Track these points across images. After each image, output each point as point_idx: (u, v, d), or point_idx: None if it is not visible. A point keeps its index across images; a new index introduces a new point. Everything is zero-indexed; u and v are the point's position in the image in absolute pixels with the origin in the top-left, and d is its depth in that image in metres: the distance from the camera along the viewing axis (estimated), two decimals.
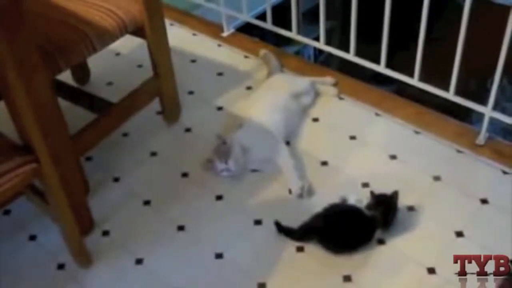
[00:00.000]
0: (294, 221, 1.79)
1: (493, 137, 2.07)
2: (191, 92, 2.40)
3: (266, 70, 2.43)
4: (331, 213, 1.75)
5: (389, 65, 2.24)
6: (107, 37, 1.81)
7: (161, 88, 2.12)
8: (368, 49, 2.32)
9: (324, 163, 2.03)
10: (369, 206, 1.75)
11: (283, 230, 1.78)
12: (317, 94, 2.31)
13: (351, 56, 2.33)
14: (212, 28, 2.80)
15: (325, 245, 1.73)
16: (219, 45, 2.70)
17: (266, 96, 2.21)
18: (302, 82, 2.30)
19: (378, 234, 1.74)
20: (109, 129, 1.99)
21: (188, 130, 2.23)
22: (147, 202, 1.95)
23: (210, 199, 1.94)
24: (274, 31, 2.60)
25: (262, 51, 2.52)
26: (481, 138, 2.04)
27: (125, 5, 1.88)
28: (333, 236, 1.73)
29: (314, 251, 1.74)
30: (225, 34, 2.76)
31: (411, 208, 1.83)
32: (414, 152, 2.05)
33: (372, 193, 1.77)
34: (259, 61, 2.53)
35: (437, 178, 1.93)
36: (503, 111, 2.08)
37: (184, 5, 3.00)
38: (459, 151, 2.03)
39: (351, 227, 1.72)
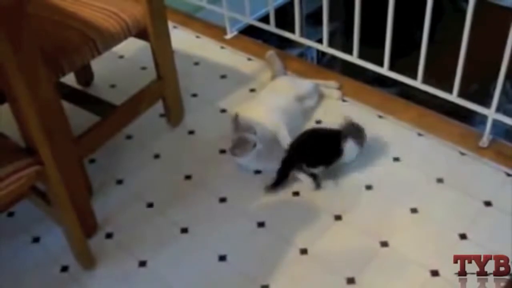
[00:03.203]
0: (297, 223, 1.79)
1: (496, 139, 2.06)
2: (194, 95, 2.41)
3: (270, 72, 2.43)
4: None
5: (392, 67, 2.24)
6: (110, 40, 1.81)
7: (164, 90, 2.12)
8: (371, 52, 2.32)
9: None
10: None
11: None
12: (320, 97, 2.31)
13: (354, 58, 2.33)
14: (215, 31, 2.81)
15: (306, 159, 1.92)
16: (222, 48, 2.70)
17: (269, 98, 2.21)
18: (306, 85, 2.29)
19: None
20: (113, 132, 2.00)
21: (191, 132, 2.23)
22: (150, 205, 1.95)
23: (213, 201, 1.94)
24: (277, 34, 2.60)
25: (268, 52, 2.52)
26: (485, 140, 2.04)
27: (128, 8, 1.88)
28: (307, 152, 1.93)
29: (317, 253, 1.74)
30: (228, 36, 2.76)
31: (414, 210, 1.83)
32: (417, 154, 2.05)
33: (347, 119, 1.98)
34: (263, 64, 2.53)
35: (440, 180, 1.93)
36: (506, 113, 2.07)
37: (187, 7, 3.01)
38: (462, 153, 2.03)
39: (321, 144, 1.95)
